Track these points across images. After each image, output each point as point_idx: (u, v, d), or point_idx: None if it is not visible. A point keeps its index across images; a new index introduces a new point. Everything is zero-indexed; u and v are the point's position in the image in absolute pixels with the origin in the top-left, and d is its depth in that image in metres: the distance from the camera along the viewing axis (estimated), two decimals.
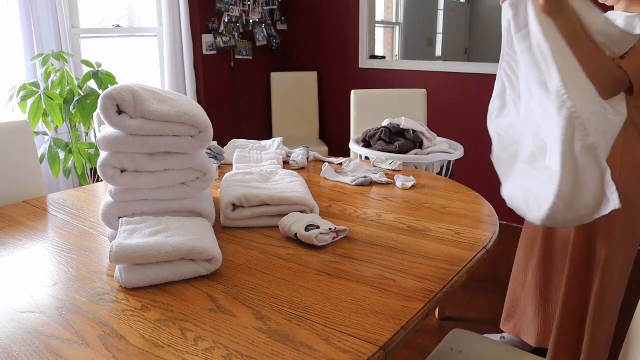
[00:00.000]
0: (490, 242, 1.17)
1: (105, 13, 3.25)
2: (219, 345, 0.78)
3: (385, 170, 1.78)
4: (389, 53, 5.53)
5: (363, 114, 2.71)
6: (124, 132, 1.08)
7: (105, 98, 1.05)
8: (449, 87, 3.51)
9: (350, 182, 1.64)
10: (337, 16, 3.97)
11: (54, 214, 1.40)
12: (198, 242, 0.99)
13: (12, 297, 0.94)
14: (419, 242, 1.17)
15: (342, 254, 1.11)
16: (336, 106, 4.12)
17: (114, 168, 1.10)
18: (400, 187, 1.59)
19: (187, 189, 1.17)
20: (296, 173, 1.49)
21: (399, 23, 5.54)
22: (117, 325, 0.84)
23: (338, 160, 1.89)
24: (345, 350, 0.76)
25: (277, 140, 1.92)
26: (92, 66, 2.58)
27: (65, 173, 2.58)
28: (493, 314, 2.36)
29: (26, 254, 1.13)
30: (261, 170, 1.52)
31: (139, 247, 0.95)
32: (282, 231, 1.20)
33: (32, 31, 2.64)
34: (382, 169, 1.79)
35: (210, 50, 3.60)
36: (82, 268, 1.06)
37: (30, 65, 2.65)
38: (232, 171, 1.49)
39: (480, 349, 1.31)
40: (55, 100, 2.40)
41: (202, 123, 1.12)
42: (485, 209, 1.39)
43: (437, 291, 0.94)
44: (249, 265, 1.05)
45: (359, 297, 0.92)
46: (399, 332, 0.81)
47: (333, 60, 4.07)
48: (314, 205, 1.28)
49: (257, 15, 3.87)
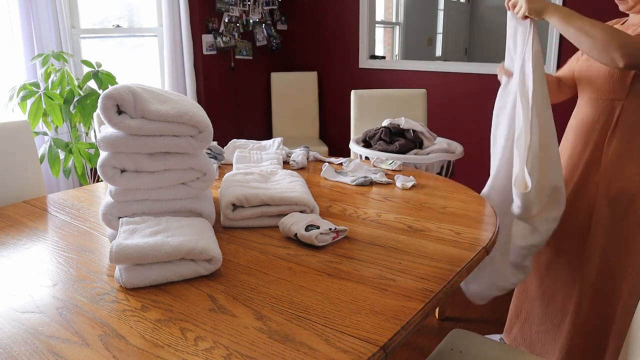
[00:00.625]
0: (490, 242, 1.17)
1: (105, 13, 3.25)
2: (219, 345, 0.78)
3: (385, 170, 1.78)
4: (389, 53, 5.53)
5: (363, 114, 2.71)
6: (124, 132, 1.08)
7: (105, 98, 1.05)
8: (449, 87, 3.51)
9: (350, 182, 1.64)
10: (337, 16, 3.97)
11: (54, 214, 1.40)
12: (198, 242, 0.99)
13: (12, 297, 0.94)
14: (419, 242, 1.17)
15: (342, 254, 1.11)
16: (336, 106, 4.12)
17: (114, 168, 1.10)
18: (400, 187, 1.59)
19: (187, 189, 1.17)
20: (296, 173, 1.49)
21: (399, 23, 5.54)
22: (117, 325, 0.84)
23: (338, 160, 1.89)
24: (345, 350, 0.76)
25: (277, 140, 1.92)
26: (92, 66, 2.58)
27: (65, 173, 2.58)
28: (493, 314, 2.37)
29: (26, 254, 1.13)
30: (261, 170, 1.52)
31: (139, 247, 0.95)
32: (282, 231, 1.20)
33: (32, 31, 2.64)
34: (382, 168, 1.79)
35: (210, 50, 3.60)
36: (82, 268, 1.06)
37: (30, 65, 2.65)
38: (232, 171, 1.49)
39: (480, 349, 1.31)
40: (55, 100, 2.40)
41: (202, 123, 1.12)
42: (485, 209, 1.39)
43: (437, 291, 0.94)
44: (249, 265, 1.05)
45: (359, 297, 0.92)
46: (399, 332, 0.81)
47: (333, 60, 4.07)
48: (314, 205, 1.28)
49: (257, 15, 3.87)
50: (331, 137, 4.20)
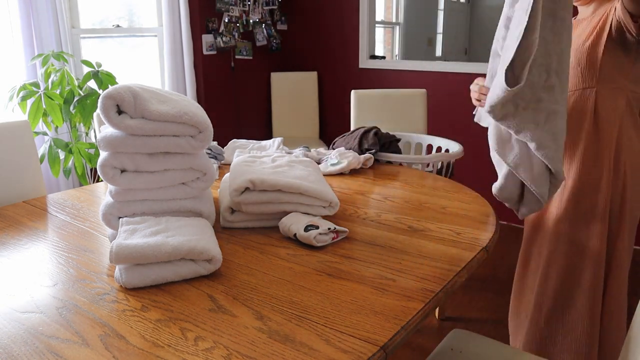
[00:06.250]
0: (490, 242, 1.17)
1: (105, 13, 3.25)
2: (219, 345, 0.78)
3: (331, 171, 1.75)
4: (389, 53, 5.53)
5: (363, 114, 2.71)
6: (124, 132, 1.08)
7: (105, 98, 1.05)
8: (449, 87, 3.51)
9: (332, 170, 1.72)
10: (337, 16, 3.97)
11: (54, 214, 1.40)
12: (198, 242, 0.99)
13: (12, 297, 0.94)
14: (419, 242, 1.17)
15: (342, 254, 1.11)
16: (336, 106, 4.12)
17: (114, 168, 1.10)
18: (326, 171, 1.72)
19: (187, 189, 1.17)
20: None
21: (399, 23, 5.54)
22: (117, 325, 0.84)
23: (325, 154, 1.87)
24: (345, 350, 0.76)
25: (277, 140, 1.92)
26: (92, 66, 2.58)
27: (65, 173, 2.58)
28: (493, 314, 2.36)
29: (26, 254, 1.13)
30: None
31: (139, 247, 0.95)
32: (282, 231, 1.20)
33: (32, 31, 2.64)
34: (329, 165, 1.77)
35: (210, 50, 3.60)
36: (82, 268, 1.06)
37: (30, 65, 2.65)
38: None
39: (480, 349, 1.30)
40: (55, 100, 2.40)
41: (202, 123, 1.12)
42: (485, 209, 1.39)
43: (437, 291, 0.94)
44: (249, 265, 1.05)
45: (359, 297, 0.92)
46: (399, 332, 0.81)
47: (333, 60, 4.07)
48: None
49: (257, 15, 3.87)
50: (331, 137, 4.20)
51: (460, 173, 3.56)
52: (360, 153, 1.89)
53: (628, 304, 1.60)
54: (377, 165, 1.90)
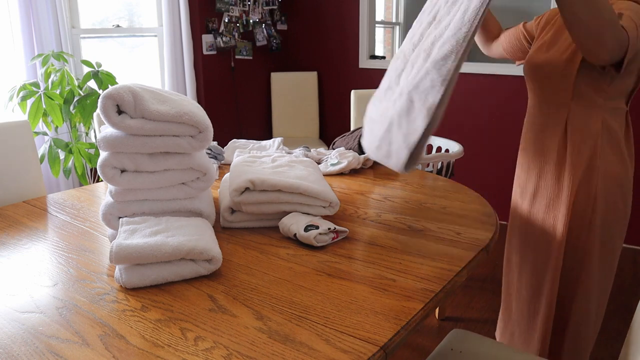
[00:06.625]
0: (490, 242, 1.17)
1: (105, 13, 3.26)
2: (219, 345, 0.78)
3: (331, 171, 1.76)
4: (389, 53, 5.53)
5: (363, 114, 2.70)
6: (124, 132, 1.08)
7: (105, 98, 1.06)
8: None
9: (333, 170, 1.71)
10: (337, 16, 3.97)
11: (54, 214, 1.40)
12: (198, 242, 0.99)
13: (12, 297, 0.94)
14: (419, 242, 1.17)
15: (342, 254, 1.11)
16: (336, 106, 4.12)
17: (114, 168, 1.10)
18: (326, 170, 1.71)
19: (187, 189, 1.17)
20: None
21: (399, 23, 5.54)
22: (117, 325, 0.84)
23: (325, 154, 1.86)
24: (345, 350, 0.76)
25: (277, 140, 1.92)
26: (92, 66, 2.59)
27: (65, 173, 2.58)
28: (493, 314, 2.37)
29: (26, 254, 1.13)
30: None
31: (139, 247, 0.95)
32: (282, 231, 1.20)
33: (32, 31, 2.64)
34: (329, 165, 1.78)
35: (210, 50, 3.60)
36: (82, 268, 1.06)
37: (30, 65, 2.65)
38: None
39: (480, 349, 1.31)
40: (55, 100, 2.40)
41: (202, 123, 1.12)
42: (485, 209, 1.39)
43: (437, 291, 0.94)
44: (249, 265, 1.05)
45: (359, 297, 0.92)
46: (399, 332, 0.81)
47: (333, 60, 4.07)
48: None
49: (257, 15, 3.87)
50: (331, 138, 4.20)
51: (460, 173, 3.56)
52: (360, 153, 1.89)
53: (628, 304, 1.60)
54: (377, 165, 1.90)
